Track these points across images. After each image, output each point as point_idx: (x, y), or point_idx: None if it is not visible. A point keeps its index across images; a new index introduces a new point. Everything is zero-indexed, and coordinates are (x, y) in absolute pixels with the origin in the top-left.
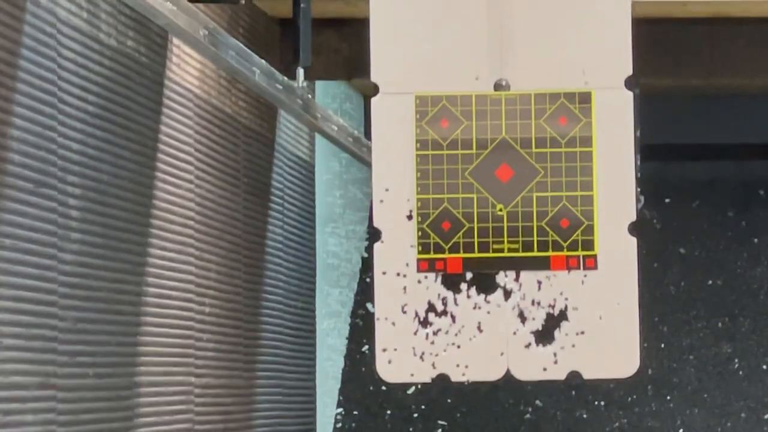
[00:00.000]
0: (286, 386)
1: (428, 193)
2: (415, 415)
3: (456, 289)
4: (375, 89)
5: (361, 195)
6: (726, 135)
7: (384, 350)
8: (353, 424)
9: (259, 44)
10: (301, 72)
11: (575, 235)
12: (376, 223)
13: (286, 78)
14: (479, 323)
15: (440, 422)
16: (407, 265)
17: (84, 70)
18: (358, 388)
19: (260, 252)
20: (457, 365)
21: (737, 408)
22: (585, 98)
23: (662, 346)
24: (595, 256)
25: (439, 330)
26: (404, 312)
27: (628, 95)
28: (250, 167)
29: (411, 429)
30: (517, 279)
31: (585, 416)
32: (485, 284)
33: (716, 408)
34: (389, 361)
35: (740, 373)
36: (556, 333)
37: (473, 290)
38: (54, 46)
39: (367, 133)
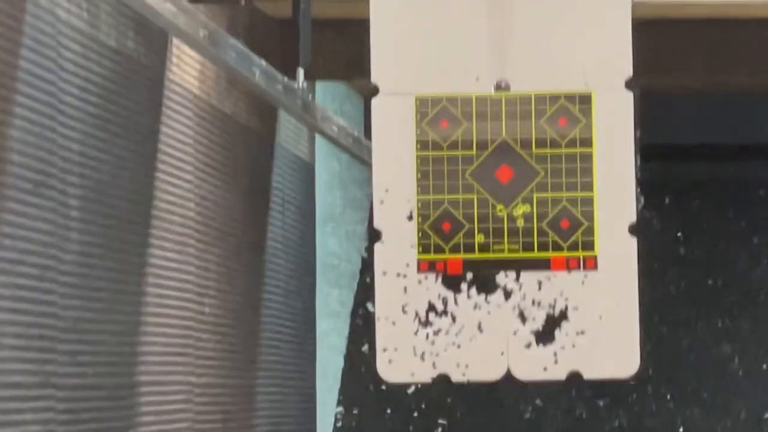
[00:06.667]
0: (286, 386)
1: (428, 194)
2: (415, 414)
3: (456, 289)
4: (375, 90)
5: (361, 195)
6: (726, 135)
7: (384, 350)
8: (353, 424)
9: (259, 45)
10: (301, 72)
11: (575, 235)
12: (376, 224)
13: (286, 78)
14: (479, 323)
15: (440, 421)
16: (407, 265)
17: (84, 70)
18: (358, 387)
19: (260, 252)
20: (458, 365)
21: (737, 408)
22: (585, 99)
23: (662, 346)
24: (595, 257)
25: (439, 330)
26: (405, 312)
27: (629, 96)
28: (250, 167)
29: (411, 428)
30: (517, 279)
31: (585, 416)
32: (485, 284)
33: (716, 408)
34: (389, 361)
35: (740, 372)
36: (557, 333)
37: (473, 290)
38: (54, 46)
39: (367, 134)
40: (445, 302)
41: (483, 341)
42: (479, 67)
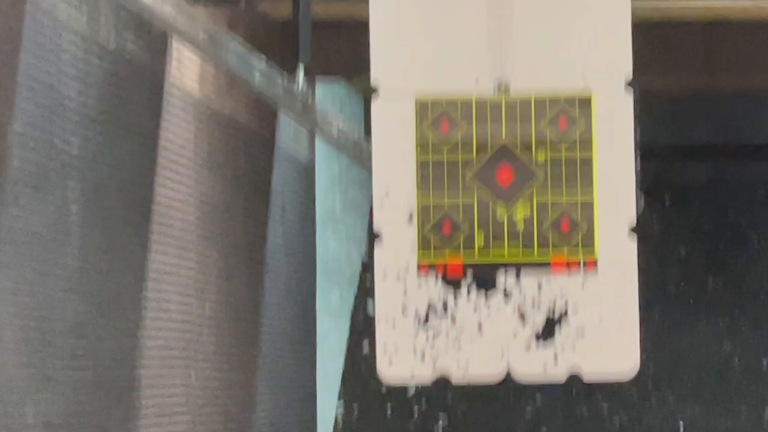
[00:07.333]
0: (286, 386)
1: (429, 197)
2: (415, 414)
3: (456, 291)
4: (375, 92)
5: (361, 196)
6: (726, 135)
7: (384, 352)
8: (353, 424)
9: (259, 46)
10: (301, 69)
11: (575, 237)
12: (376, 226)
13: (286, 80)
14: (479, 325)
15: (440, 421)
16: (407, 267)
17: (84, 71)
18: (359, 386)
19: (260, 252)
20: (458, 366)
21: (737, 406)
22: (585, 101)
23: (662, 345)
24: (595, 259)
25: (439, 331)
26: (404, 314)
27: (628, 97)
28: (250, 168)
29: (411, 427)
30: (517, 281)
31: (585, 414)
32: (485, 286)
33: (716, 406)
34: (390, 363)
35: (740, 371)
36: (556, 334)
37: (473, 292)
38: (54, 47)
39: (368, 135)
40: (445, 304)
41: (483, 343)
42: (479, 69)
